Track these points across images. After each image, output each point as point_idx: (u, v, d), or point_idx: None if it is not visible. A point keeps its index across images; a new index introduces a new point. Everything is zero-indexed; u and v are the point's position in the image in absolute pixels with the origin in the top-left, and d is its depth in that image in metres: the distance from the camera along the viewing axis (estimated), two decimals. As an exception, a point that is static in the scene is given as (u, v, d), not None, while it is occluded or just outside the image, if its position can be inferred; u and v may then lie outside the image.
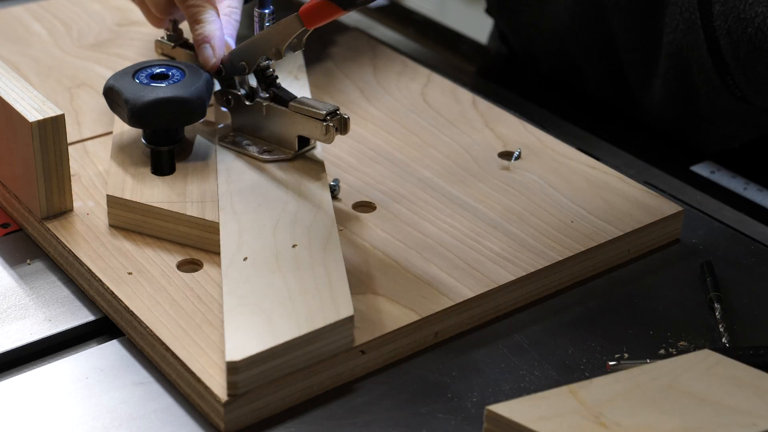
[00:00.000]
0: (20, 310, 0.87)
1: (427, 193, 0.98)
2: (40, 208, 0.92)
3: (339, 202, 0.96)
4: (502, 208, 0.96)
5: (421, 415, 0.79)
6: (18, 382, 0.81)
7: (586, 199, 0.97)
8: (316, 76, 1.14)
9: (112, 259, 0.88)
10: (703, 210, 1.02)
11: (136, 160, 0.96)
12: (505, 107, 1.13)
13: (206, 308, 0.84)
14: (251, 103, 0.98)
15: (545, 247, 0.92)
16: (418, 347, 0.85)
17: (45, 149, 0.90)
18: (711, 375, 0.78)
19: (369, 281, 0.87)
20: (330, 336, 0.80)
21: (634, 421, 0.74)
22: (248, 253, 0.86)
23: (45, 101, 0.91)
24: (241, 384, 0.77)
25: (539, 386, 0.81)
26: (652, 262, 0.95)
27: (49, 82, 1.12)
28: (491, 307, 0.88)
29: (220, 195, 0.92)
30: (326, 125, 0.93)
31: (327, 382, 0.81)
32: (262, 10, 0.97)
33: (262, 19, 0.97)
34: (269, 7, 0.97)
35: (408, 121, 1.08)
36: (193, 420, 0.78)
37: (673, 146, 1.13)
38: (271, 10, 0.97)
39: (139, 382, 0.81)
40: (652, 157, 1.11)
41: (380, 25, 1.34)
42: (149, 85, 0.96)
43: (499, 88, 1.22)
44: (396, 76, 1.16)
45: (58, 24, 1.23)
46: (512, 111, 1.12)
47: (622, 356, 0.84)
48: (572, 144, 1.06)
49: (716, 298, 0.89)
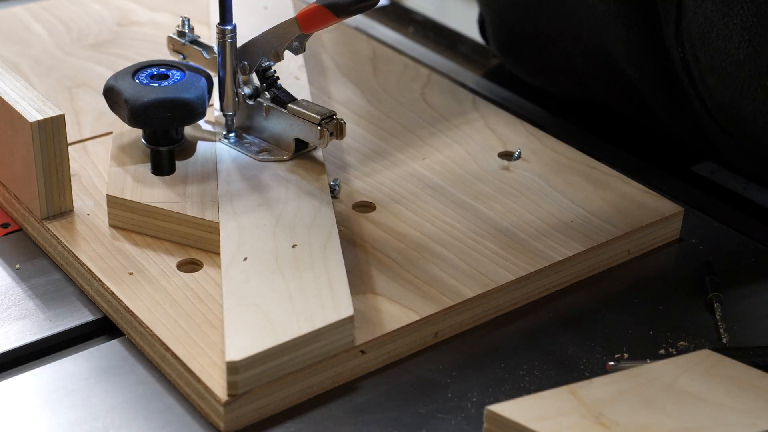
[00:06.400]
0: (20, 310, 0.87)
1: (427, 193, 0.98)
2: (40, 208, 0.92)
3: (339, 202, 0.96)
4: (502, 208, 0.96)
5: (421, 415, 0.79)
6: (18, 382, 0.81)
7: (586, 199, 0.97)
8: (316, 77, 1.14)
9: (112, 259, 0.88)
10: (703, 210, 1.02)
11: (136, 160, 0.96)
12: (505, 107, 1.13)
13: (206, 308, 0.84)
14: (252, 103, 0.98)
15: (545, 247, 0.92)
16: (418, 347, 0.85)
17: (45, 149, 0.90)
18: (711, 375, 0.78)
19: (369, 281, 0.88)
20: (330, 336, 0.80)
21: (634, 421, 0.74)
22: (248, 253, 0.86)
23: (45, 101, 0.91)
24: (241, 384, 0.77)
25: (539, 386, 0.81)
26: (652, 262, 0.95)
27: (49, 82, 1.12)
28: (491, 307, 0.88)
29: (220, 195, 0.92)
30: (321, 129, 0.94)
31: (327, 382, 0.81)
32: (224, 26, 0.97)
33: (224, 36, 0.97)
34: (232, 23, 0.97)
35: (408, 121, 1.08)
36: (193, 420, 0.78)
37: (673, 146, 1.13)
38: (234, 26, 0.97)
39: (139, 382, 0.81)
40: (652, 157, 1.11)
41: (380, 25, 1.34)
42: (149, 85, 0.96)
43: (499, 88, 1.22)
44: (396, 76, 1.16)
45: (58, 24, 1.23)
46: (512, 111, 1.12)
47: (622, 356, 0.84)
48: (572, 144, 1.05)
49: (716, 298, 0.89)
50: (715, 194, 1.06)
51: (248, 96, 0.98)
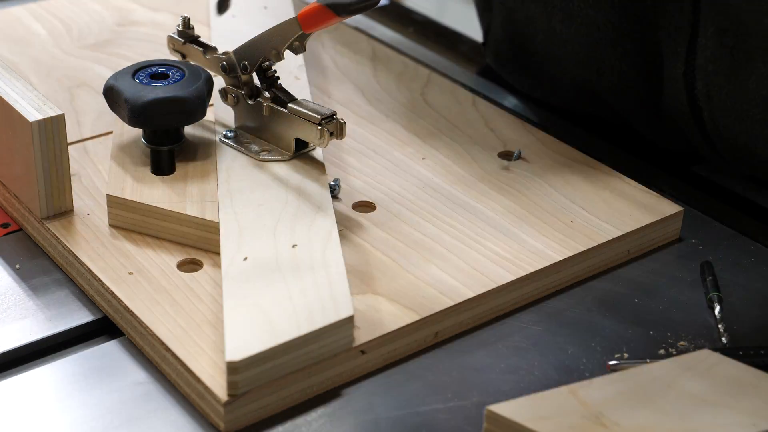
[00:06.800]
0: (20, 310, 0.87)
1: (427, 193, 0.98)
2: (40, 208, 0.92)
3: (339, 202, 0.96)
4: (502, 208, 0.96)
5: (421, 415, 0.79)
6: (18, 382, 0.81)
7: (586, 199, 0.97)
8: (316, 76, 1.14)
9: (112, 259, 0.88)
10: (703, 210, 1.02)
11: (136, 160, 0.96)
12: (505, 107, 1.13)
13: (206, 308, 0.84)
14: (253, 103, 0.98)
15: (545, 247, 0.92)
16: (418, 347, 0.85)
17: (45, 149, 0.90)
18: (711, 375, 0.78)
19: (369, 281, 0.87)
20: (330, 336, 0.80)
21: (634, 421, 0.74)
22: (248, 253, 0.86)
23: (45, 101, 0.91)
24: (241, 384, 0.77)
25: (539, 386, 0.81)
26: (652, 262, 0.95)
27: (49, 82, 1.12)
28: (491, 307, 0.88)
29: (220, 195, 0.92)
30: (321, 129, 0.94)
31: (327, 382, 0.81)
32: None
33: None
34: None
35: (408, 121, 1.08)
36: (193, 420, 0.78)
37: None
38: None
39: (139, 382, 0.81)
40: (652, 157, 1.11)
41: (380, 25, 1.34)
42: (149, 84, 0.96)
43: (499, 88, 1.22)
44: (396, 76, 1.16)
45: (58, 24, 1.23)
46: (512, 111, 1.12)
47: (622, 356, 0.84)
48: (572, 144, 1.06)
49: (716, 298, 0.89)
50: (715, 194, 1.06)
51: (248, 96, 0.98)
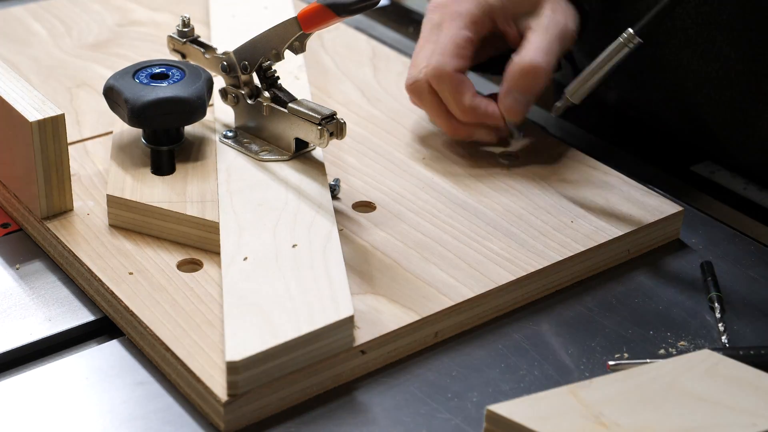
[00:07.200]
0: (20, 310, 0.87)
1: (427, 193, 0.98)
2: (40, 208, 0.92)
3: (339, 202, 0.96)
4: (502, 208, 0.96)
5: (421, 415, 0.79)
6: (18, 382, 0.81)
7: (586, 199, 0.97)
8: (316, 76, 1.14)
9: (112, 259, 0.88)
10: (703, 210, 1.02)
11: (136, 160, 0.96)
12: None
13: (206, 308, 0.84)
14: (253, 103, 0.98)
15: (545, 247, 0.92)
16: (418, 347, 0.85)
17: (45, 149, 0.90)
18: (711, 375, 0.78)
19: (369, 281, 0.87)
20: (330, 336, 0.80)
21: (634, 421, 0.74)
22: (248, 253, 0.86)
23: (45, 101, 0.91)
24: (241, 384, 0.77)
25: (539, 386, 0.81)
26: (652, 262, 0.95)
27: (49, 82, 1.12)
28: (491, 307, 0.88)
29: (220, 195, 0.92)
30: (321, 129, 0.94)
31: (327, 382, 0.81)
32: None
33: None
34: None
35: (408, 121, 1.08)
36: (193, 420, 0.78)
37: (673, 146, 1.13)
38: None
39: (139, 382, 0.81)
40: (652, 157, 1.11)
41: (380, 25, 1.34)
42: (149, 85, 0.96)
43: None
44: (396, 76, 1.16)
45: (58, 24, 1.23)
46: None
47: (622, 356, 0.84)
48: (572, 144, 1.06)
49: (716, 298, 0.89)
50: (715, 194, 1.06)
51: (248, 96, 0.98)
